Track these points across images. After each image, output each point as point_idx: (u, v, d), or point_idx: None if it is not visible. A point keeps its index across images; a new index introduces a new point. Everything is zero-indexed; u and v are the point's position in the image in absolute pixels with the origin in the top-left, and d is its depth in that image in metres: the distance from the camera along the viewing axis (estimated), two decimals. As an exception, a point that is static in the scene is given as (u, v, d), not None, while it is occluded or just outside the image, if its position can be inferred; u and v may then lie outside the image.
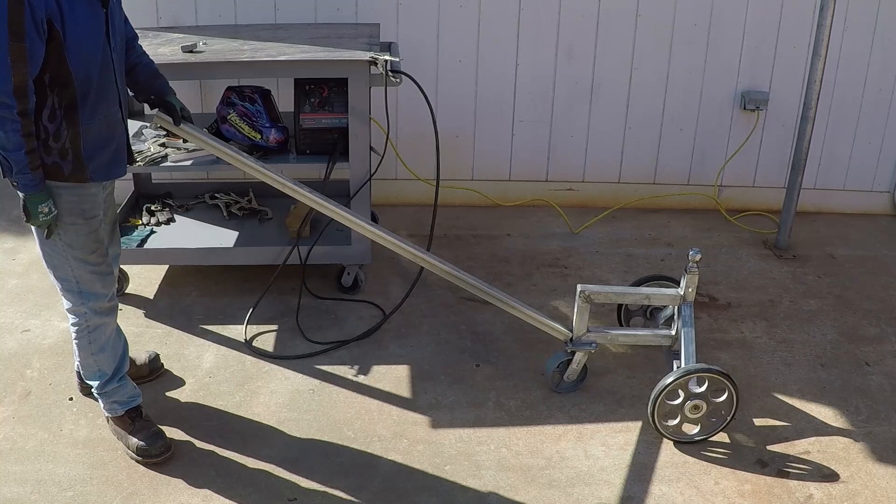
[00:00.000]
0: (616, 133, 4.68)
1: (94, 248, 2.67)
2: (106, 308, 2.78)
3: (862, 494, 2.74)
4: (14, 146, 2.36)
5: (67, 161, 2.51)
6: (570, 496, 2.70)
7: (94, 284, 2.71)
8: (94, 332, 2.77)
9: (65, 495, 2.63)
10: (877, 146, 4.72)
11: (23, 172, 2.40)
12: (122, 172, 2.76)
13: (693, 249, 3.00)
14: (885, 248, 4.49)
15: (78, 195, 2.58)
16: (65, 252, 2.63)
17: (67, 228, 2.59)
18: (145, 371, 3.20)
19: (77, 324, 2.77)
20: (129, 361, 2.98)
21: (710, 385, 2.86)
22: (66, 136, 2.49)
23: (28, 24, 2.25)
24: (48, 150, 2.47)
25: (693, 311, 3.05)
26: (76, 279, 2.69)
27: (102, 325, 2.79)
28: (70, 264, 2.66)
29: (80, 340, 2.80)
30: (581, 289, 3.03)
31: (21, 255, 4.10)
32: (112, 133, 2.63)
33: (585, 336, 3.09)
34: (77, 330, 2.78)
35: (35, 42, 2.29)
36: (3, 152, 2.38)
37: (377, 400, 3.13)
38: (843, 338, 3.63)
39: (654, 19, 4.43)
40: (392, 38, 4.27)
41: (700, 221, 4.70)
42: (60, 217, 2.56)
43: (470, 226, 4.54)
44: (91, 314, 2.75)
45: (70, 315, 2.78)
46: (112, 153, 2.65)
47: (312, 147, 3.62)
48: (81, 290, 2.71)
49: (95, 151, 2.57)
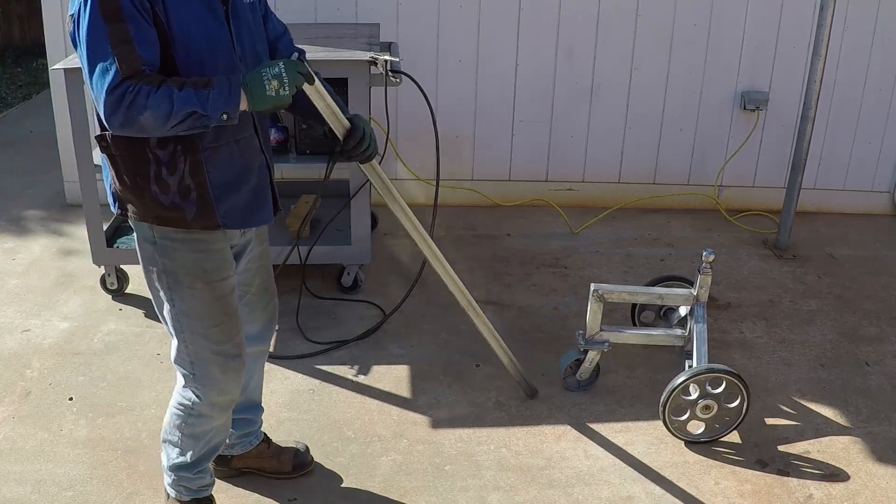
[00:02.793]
0: (616, 133, 4.68)
1: (219, 322, 2.11)
2: (222, 403, 2.22)
3: (862, 494, 2.74)
4: (173, 101, 1.82)
5: (190, 201, 1.99)
6: (570, 496, 2.70)
7: (211, 368, 2.15)
8: (196, 418, 2.24)
9: (65, 495, 2.63)
10: (877, 146, 4.72)
11: (209, 101, 1.84)
12: (268, 219, 2.18)
13: (706, 250, 3.00)
14: (885, 248, 4.48)
15: (200, 251, 2.05)
16: (179, 319, 2.11)
17: (183, 293, 2.07)
18: (288, 466, 2.66)
19: (183, 402, 2.24)
20: (274, 449, 2.64)
21: (727, 388, 2.86)
22: (183, 167, 1.97)
23: (125, 5, 1.82)
24: (163, 185, 1.97)
25: (706, 312, 3.06)
26: (190, 356, 2.15)
27: (209, 418, 2.25)
28: (185, 336, 2.13)
29: (178, 414, 2.27)
30: (594, 288, 3.03)
31: (21, 255, 4.10)
32: (248, 164, 2.08)
33: (598, 335, 3.09)
34: (181, 405, 2.25)
35: (140, 23, 1.84)
36: (178, 113, 1.83)
37: (377, 400, 3.13)
38: (843, 338, 3.63)
39: (654, 19, 4.43)
40: (392, 38, 4.27)
41: (700, 221, 4.70)
42: (175, 278, 2.06)
43: (470, 226, 4.53)
44: (203, 403, 2.20)
45: (178, 387, 2.27)
46: (250, 192, 2.09)
47: (312, 147, 3.62)
48: (195, 372, 2.16)
49: (227, 188, 2.03)
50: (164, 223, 2.01)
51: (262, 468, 2.68)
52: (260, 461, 2.67)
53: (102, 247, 3.58)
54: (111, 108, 1.82)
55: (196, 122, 1.86)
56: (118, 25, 1.81)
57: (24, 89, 7.22)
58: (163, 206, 1.99)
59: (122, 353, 3.33)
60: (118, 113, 1.83)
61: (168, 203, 1.98)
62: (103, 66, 1.82)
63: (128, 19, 1.82)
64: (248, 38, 2.07)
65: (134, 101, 1.81)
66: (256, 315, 2.40)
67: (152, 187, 1.98)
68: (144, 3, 1.85)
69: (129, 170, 2.00)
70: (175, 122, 1.84)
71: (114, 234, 3.75)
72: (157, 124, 1.84)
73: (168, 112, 1.82)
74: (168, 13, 1.88)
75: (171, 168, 1.96)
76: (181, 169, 1.97)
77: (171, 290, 2.08)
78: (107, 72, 1.82)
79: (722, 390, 2.86)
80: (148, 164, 1.97)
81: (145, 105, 1.81)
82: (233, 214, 2.06)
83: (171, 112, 1.82)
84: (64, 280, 3.88)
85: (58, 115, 4.43)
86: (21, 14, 8.47)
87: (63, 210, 4.62)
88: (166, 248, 2.04)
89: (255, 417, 2.64)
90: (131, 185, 2.01)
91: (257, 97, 1.90)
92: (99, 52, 1.83)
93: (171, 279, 2.07)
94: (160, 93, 1.82)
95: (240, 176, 2.07)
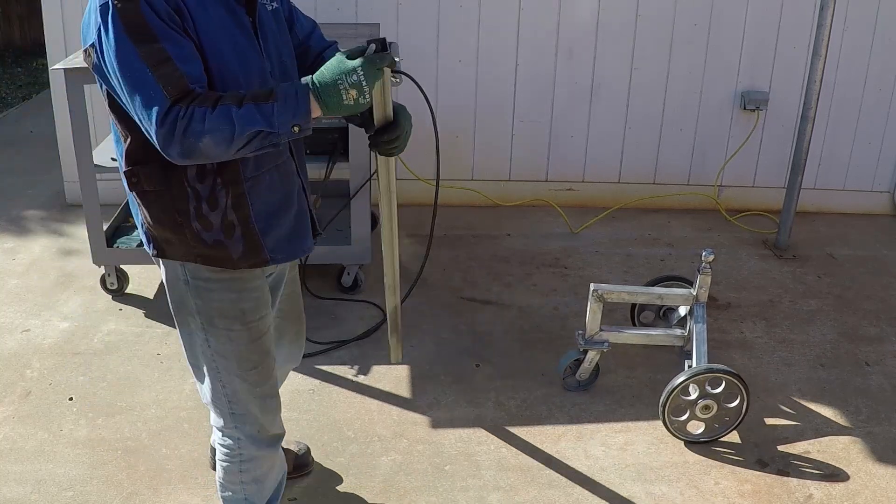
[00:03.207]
0: (616, 133, 4.68)
1: (257, 363, 2.00)
2: (267, 438, 2.10)
3: (862, 494, 2.74)
4: (234, 121, 1.64)
5: (235, 239, 1.84)
6: (570, 496, 2.70)
7: (249, 407, 2.04)
8: (248, 462, 2.13)
9: (65, 495, 2.63)
10: (877, 146, 4.72)
11: (274, 115, 1.66)
12: (310, 246, 2.04)
13: (706, 250, 3.00)
14: (885, 248, 4.48)
15: (237, 290, 1.92)
16: (214, 360, 1.99)
17: (219, 335, 1.94)
18: (288, 467, 2.55)
19: (228, 447, 2.11)
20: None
21: (726, 388, 2.86)
22: (225, 201, 1.81)
23: (152, 21, 1.63)
24: (205, 222, 1.81)
25: (706, 312, 3.06)
26: (227, 396, 2.02)
27: (260, 458, 2.13)
28: (221, 377, 2.01)
29: (229, 464, 2.14)
30: (594, 288, 3.03)
31: (21, 255, 4.10)
32: (288, 190, 1.95)
33: (598, 335, 3.09)
34: (227, 453, 2.12)
35: (174, 37, 1.65)
36: (241, 135, 1.65)
37: (377, 400, 3.13)
38: (843, 338, 3.63)
39: (654, 19, 4.43)
40: (392, 38, 4.27)
41: (700, 221, 4.70)
42: (209, 319, 1.93)
43: (470, 226, 4.53)
44: (247, 442, 2.08)
45: (216, 432, 2.14)
46: (293, 220, 1.96)
47: (312, 147, 3.62)
48: (233, 411, 2.04)
49: (270, 219, 1.89)
50: (209, 262, 1.86)
51: None
52: None
53: (102, 247, 3.57)
54: (165, 139, 1.64)
55: (265, 142, 1.69)
56: (152, 46, 1.62)
57: (24, 89, 7.23)
58: (206, 245, 1.84)
59: (122, 353, 3.33)
60: (174, 143, 1.65)
61: (211, 241, 1.83)
62: (147, 94, 1.64)
63: (161, 37, 1.63)
64: (275, 52, 1.91)
65: (189, 127, 1.63)
66: (286, 339, 2.32)
67: (193, 224, 1.82)
68: (174, 17, 1.66)
69: (167, 206, 1.83)
70: (240, 145, 1.67)
71: (114, 234, 3.75)
72: (220, 150, 1.67)
73: (230, 135, 1.65)
74: (198, 29, 1.70)
75: (213, 203, 1.80)
76: (223, 203, 1.81)
77: (204, 332, 1.95)
78: (153, 100, 1.63)
79: (721, 390, 2.86)
80: (187, 199, 1.80)
81: (202, 130, 1.63)
82: (279, 247, 1.92)
83: (233, 135, 1.65)
84: (64, 280, 3.88)
85: (58, 115, 4.43)
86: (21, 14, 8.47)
87: (63, 210, 4.62)
88: (200, 288, 1.90)
89: None
90: (170, 223, 1.84)
91: (333, 106, 1.71)
92: (138, 79, 1.64)
93: (205, 320, 1.93)
94: (218, 113, 1.64)
95: (282, 204, 1.92)
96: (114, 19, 1.62)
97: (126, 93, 1.67)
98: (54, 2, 4.29)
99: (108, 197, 3.68)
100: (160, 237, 1.90)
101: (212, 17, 1.73)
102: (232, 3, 1.78)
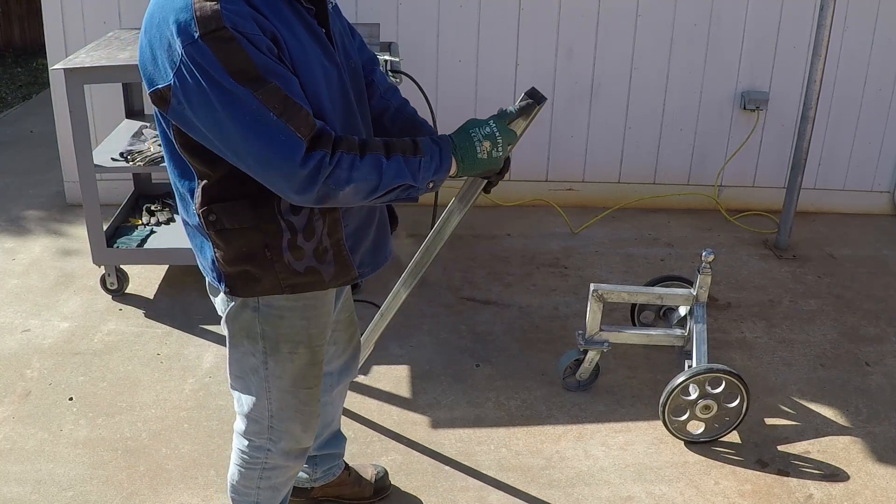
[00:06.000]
0: (616, 133, 4.68)
1: (311, 384, 1.95)
2: (297, 451, 2.05)
3: (862, 494, 2.74)
4: (382, 172, 1.59)
5: (327, 262, 1.77)
6: (570, 496, 2.70)
7: (292, 424, 1.99)
8: (270, 470, 2.08)
9: (65, 495, 2.63)
10: (877, 146, 4.72)
11: (420, 170, 1.64)
12: (389, 253, 1.97)
13: (706, 250, 3.00)
14: (885, 248, 4.49)
15: (307, 317, 1.85)
16: (268, 380, 1.92)
17: (281, 357, 1.87)
18: (369, 492, 2.55)
19: (251, 456, 2.05)
20: (354, 476, 2.53)
21: (726, 388, 2.86)
22: (322, 230, 1.74)
23: (256, 58, 1.49)
24: (298, 254, 1.73)
25: (706, 312, 3.06)
26: (271, 412, 1.96)
27: (285, 468, 2.09)
28: (271, 395, 1.94)
29: (249, 470, 2.08)
30: (594, 288, 3.03)
31: (21, 255, 4.10)
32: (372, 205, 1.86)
33: (598, 335, 3.09)
34: (248, 459, 2.06)
35: (282, 71, 1.53)
36: (386, 186, 1.61)
37: (377, 400, 3.13)
38: (843, 338, 3.63)
39: (654, 19, 4.43)
40: (392, 38, 4.27)
41: (700, 221, 4.70)
42: (274, 345, 1.86)
43: (470, 226, 4.53)
44: (277, 455, 2.03)
45: (242, 439, 2.06)
46: (376, 231, 1.90)
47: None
48: (273, 425, 1.98)
49: (357, 235, 1.82)
50: (299, 290, 1.78)
51: (342, 495, 2.57)
52: (340, 489, 2.57)
53: (102, 247, 3.57)
54: (305, 183, 1.54)
55: (401, 195, 1.65)
56: (264, 85, 1.49)
57: (24, 89, 7.23)
58: (299, 274, 1.75)
59: (122, 353, 3.33)
60: (313, 188, 1.55)
61: (304, 269, 1.74)
62: (270, 135, 1.50)
63: (270, 74, 1.50)
64: (343, 53, 1.78)
65: (333, 173, 1.54)
66: (341, 348, 2.26)
67: (285, 256, 1.72)
68: (273, 49, 1.52)
69: (254, 243, 1.72)
70: (379, 195, 1.61)
71: (114, 234, 3.75)
72: (358, 198, 1.60)
73: (375, 186, 1.59)
74: (293, 57, 1.57)
75: (308, 233, 1.71)
76: (319, 232, 1.72)
77: (266, 355, 1.87)
78: (281, 144, 1.51)
79: (721, 390, 2.86)
80: (279, 233, 1.70)
81: (349, 179, 1.56)
82: (365, 260, 1.87)
83: (378, 185, 1.59)
84: (64, 280, 3.88)
85: (58, 115, 4.43)
86: (21, 14, 8.48)
87: (63, 210, 4.62)
88: (270, 315, 1.82)
89: (340, 451, 2.53)
90: (255, 259, 1.73)
91: (468, 162, 1.69)
92: (256, 122, 1.50)
93: (270, 345, 1.86)
94: (366, 162, 1.57)
95: (367, 219, 1.86)
96: (207, 60, 1.47)
97: (240, 138, 1.53)
98: (54, 2, 4.29)
99: (108, 197, 3.68)
100: (237, 274, 1.78)
101: (302, 42, 1.61)
102: (308, 18, 1.66)
